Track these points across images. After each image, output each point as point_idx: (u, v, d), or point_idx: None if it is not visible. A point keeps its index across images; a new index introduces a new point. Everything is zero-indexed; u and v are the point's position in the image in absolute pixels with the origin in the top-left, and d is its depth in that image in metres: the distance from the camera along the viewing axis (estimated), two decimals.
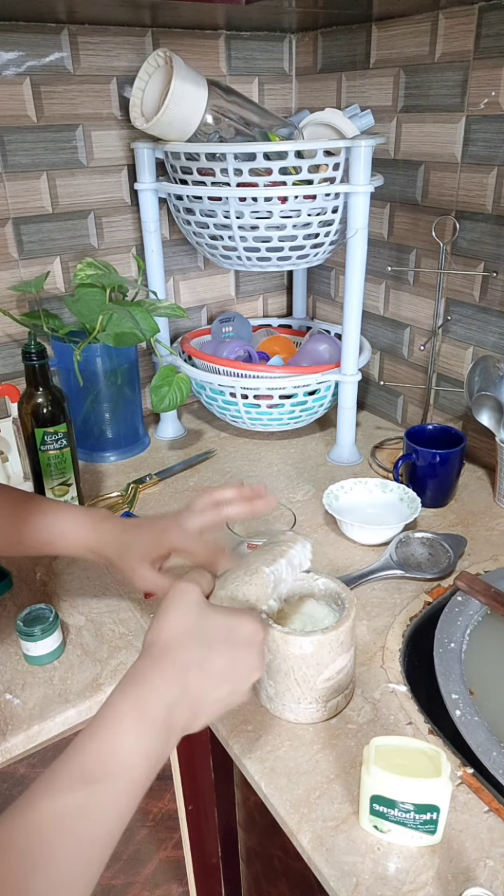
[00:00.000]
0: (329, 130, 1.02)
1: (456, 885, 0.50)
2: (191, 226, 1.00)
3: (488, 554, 0.85)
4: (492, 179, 0.92)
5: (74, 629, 0.75)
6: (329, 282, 1.29)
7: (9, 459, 1.02)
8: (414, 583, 0.80)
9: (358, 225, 0.93)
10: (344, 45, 1.07)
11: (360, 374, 1.05)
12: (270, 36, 1.14)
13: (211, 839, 0.82)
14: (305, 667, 0.59)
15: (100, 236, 1.12)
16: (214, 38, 1.09)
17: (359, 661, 0.69)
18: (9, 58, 0.94)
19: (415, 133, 1.01)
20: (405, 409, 1.19)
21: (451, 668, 0.66)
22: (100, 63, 1.01)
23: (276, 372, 1.04)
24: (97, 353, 1.03)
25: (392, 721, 0.63)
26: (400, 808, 0.50)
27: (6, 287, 1.05)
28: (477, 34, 0.88)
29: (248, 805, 0.72)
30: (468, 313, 1.02)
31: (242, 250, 0.98)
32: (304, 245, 0.97)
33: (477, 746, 0.57)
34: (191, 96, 0.88)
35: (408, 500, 0.91)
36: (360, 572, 0.81)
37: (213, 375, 1.05)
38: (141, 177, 1.04)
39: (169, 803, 0.83)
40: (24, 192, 1.02)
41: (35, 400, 0.85)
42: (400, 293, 1.13)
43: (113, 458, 1.11)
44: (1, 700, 0.66)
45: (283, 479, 1.04)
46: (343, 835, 0.53)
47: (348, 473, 1.04)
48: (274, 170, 0.89)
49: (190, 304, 1.27)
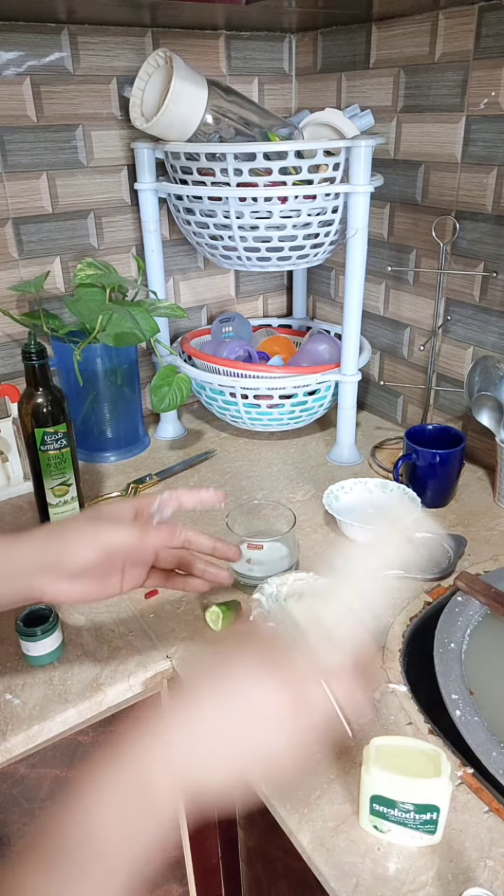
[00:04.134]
0: (329, 130, 1.02)
1: (456, 885, 0.50)
2: (191, 226, 1.00)
3: (488, 554, 0.85)
4: (492, 179, 0.92)
5: (74, 629, 0.75)
6: (329, 282, 1.29)
7: (9, 459, 1.02)
8: (414, 583, 0.80)
9: (358, 225, 0.93)
10: (344, 45, 1.07)
11: (360, 374, 1.05)
12: (270, 36, 1.14)
13: (211, 839, 0.82)
14: None
15: (100, 236, 1.12)
16: (214, 38, 1.09)
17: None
18: (9, 58, 0.94)
19: (415, 133, 1.01)
20: (405, 409, 1.19)
21: (451, 668, 0.66)
22: (100, 63, 1.01)
23: (276, 372, 1.04)
24: (97, 353, 1.03)
25: (392, 721, 0.63)
26: (400, 808, 0.50)
27: (6, 287, 1.05)
28: (477, 34, 0.88)
29: (248, 805, 0.72)
30: (468, 313, 1.02)
31: (242, 250, 0.98)
32: (304, 245, 0.97)
33: (477, 746, 0.57)
34: (191, 96, 0.88)
35: (408, 501, 0.90)
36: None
37: (213, 375, 1.05)
38: (141, 177, 1.04)
39: None
40: (24, 192, 1.02)
41: (35, 400, 0.85)
42: (400, 293, 1.13)
43: (113, 459, 1.11)
44: (1, 700, 0.66)
45: (283, 479, 1.04)
46: (343, 835, 0.53)
47: (348, 473, 1.04)
48: (274, 170, 0.89)
49: (190, 304, 1.27)
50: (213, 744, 0.43)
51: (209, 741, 0.43)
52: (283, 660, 0.45)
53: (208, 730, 0.43)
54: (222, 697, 0.44)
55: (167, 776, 0.42)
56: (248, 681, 0.44)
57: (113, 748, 0.43)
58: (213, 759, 0.43)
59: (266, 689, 0.44)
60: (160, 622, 0.76)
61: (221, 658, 0.46)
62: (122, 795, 0.41)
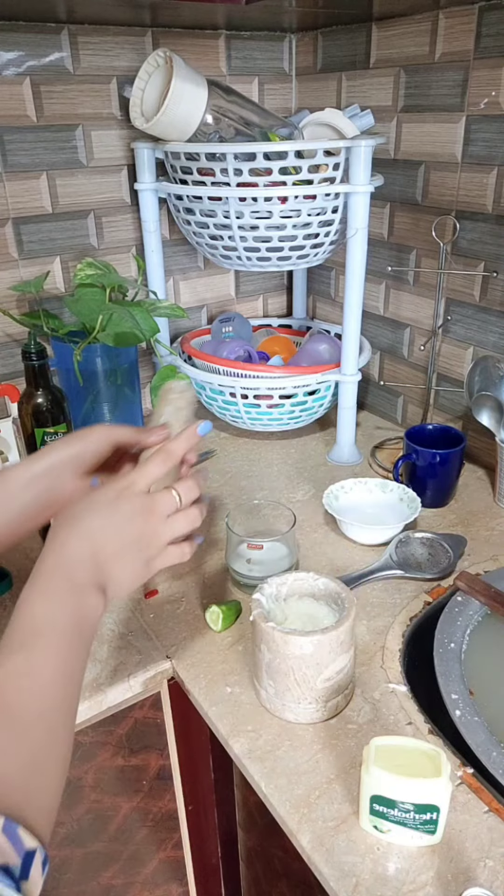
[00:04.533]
0: (329, 130, 1.02)
1: (456, 885, 0.50)
2: (191, 226, 1.00)
3: (488, 554, 0.85)
4: (492, 179, 0.92)
5: None
6: (329, 282, 1.29)
7: (9, 459, 1.02)
8: (414, 583, 0.80)
9: (358, 225, 0.93)
10: (344, 44, 1.07)
11: (360, 374, 1.05)
12: (270, 36, 1.14)
13: (211, 839, 0.82)
14: (305, 667, 0.59)
15: (100, 236, 1.12)
16: (214, 38, 1.09)
17: (359, 661, 0.69)
18: (9, 58, 0.94)
19: (415, 133, 1.01)
20: (405, 409, 1.19)
21: (451, 668, 0.66)
22: (100, 63, 1.01)
23: (276, 372, 1.04)
24: (97, 353, 1.03)
25: (392, 721, 0.63)
26: (400, 808, 0.50)
27: (6, 287, 1.05)
28: (477, 34, 0.88)
29: (248, 805, 0.73)
30: (468, 313, 1.02)
31: (242, 250, 0.98)
32: (304, 245, 0.97)
33: (477, 746, 0.57)
34: (191, 96, 0.88)
35: (408, 500, 0.91)
36: (360, 572, 0.81)
37: (213, 375, 1.05)
38: (141, 177, 1.04)
39: (169, 803, 0.83)
40: (24, 192, 1.02)
41: (35, 400, 0.85)
42: (400, 293, 1.13)
43: None
44: None
45: (283, 479, 1.04)
46: (343, 835, 0.53)
47: (348, 473, 1.04)
48: (274, 170, 0.89)
49: (190, 304, 1.27)
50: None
51: None
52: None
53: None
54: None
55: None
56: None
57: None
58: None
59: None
60: (160, 622, 0.76)
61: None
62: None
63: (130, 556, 0.53)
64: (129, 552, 0.52)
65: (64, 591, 0.48)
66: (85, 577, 0.49)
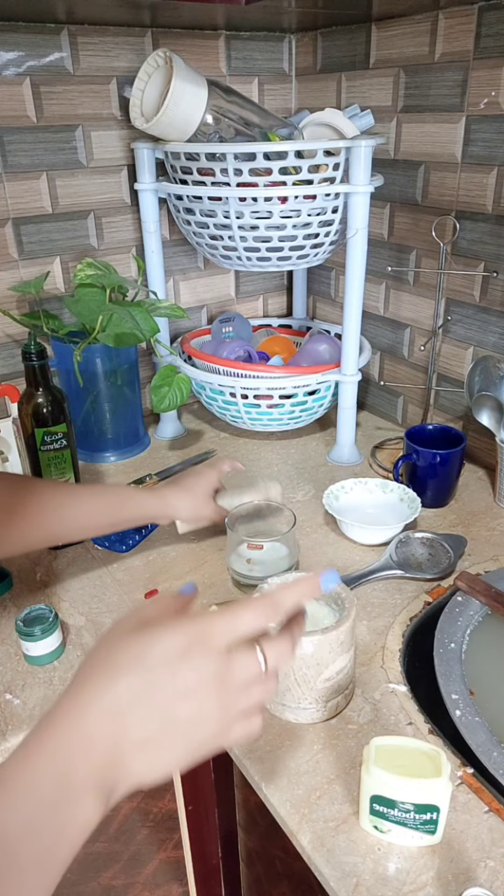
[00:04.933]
0: (329, 130, 1.02)
1: (456, 885, 0.50)
2: (191, 226, 1.00)
3: (488, 554, 0.85)
4: (492, 179, 0.92)
5: (74, 629, 0.75)
6: (329, 282, 1.29)
7: (9, 459, 1.02)
8: (414, 583, 0.80)
9: (358, 225, 0.93)
10: (344, 45, 1.07)
11: (360, 375, 1.05)
12: (270, 36, 1.14)
13: (211, 840, 0.82)
14: (305, 667, 0.59)
15: (100, 236, 1.12)
16: (214, 39, 1.09)
17: (359, 661, 0.69)
18: (9, 58, 0.94)
19: (415, 133, 1.01)
20: (405, 409, 1.19)
21: (451, 668, 0.66)
22: (100, 63, 1.01)
23: (276, 372, 1.04)
24: (97, 353, 1.03)
25: (392, 721, 0.63)
26: (400, 809, 0.50)
27: (6, 287, 1.05)
28: (477, 34, 0.88)
29: (248, 805, 0.72)
30: (468, 313, 1.02)
31: (242, 250, 0.98)
32: (304, 245, 0.97)
33: (477, 746, 0.57)
34: (191, 96, 0.88)
35: (408, 501, 0.91)
36: (360, 572, 0.81)
37: (213, 375, 1.05)
38: (141, 177, 1.04)
39: (169, 803, 0.83)
40: (24, 192, 1.02)
41: (35, 400, 0.85)
42: (400, 293, 1.13)
43: (113, 459, 1.11)
44: (1, 700, 0.66)
45: (283, 479, 1.04)
46: (343, 835, 0.53)
47: (348, 473, 1.04)
48: (274, 170, 0.89)
49: (190, 304, 1.27)
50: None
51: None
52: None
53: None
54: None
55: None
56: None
57: None
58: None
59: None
60: None
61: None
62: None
63: (170, 742, 0.37)
64: (171, 737, 0.37)
65: (50, 790, 0.34)
66: (87, 776, 0.35)
